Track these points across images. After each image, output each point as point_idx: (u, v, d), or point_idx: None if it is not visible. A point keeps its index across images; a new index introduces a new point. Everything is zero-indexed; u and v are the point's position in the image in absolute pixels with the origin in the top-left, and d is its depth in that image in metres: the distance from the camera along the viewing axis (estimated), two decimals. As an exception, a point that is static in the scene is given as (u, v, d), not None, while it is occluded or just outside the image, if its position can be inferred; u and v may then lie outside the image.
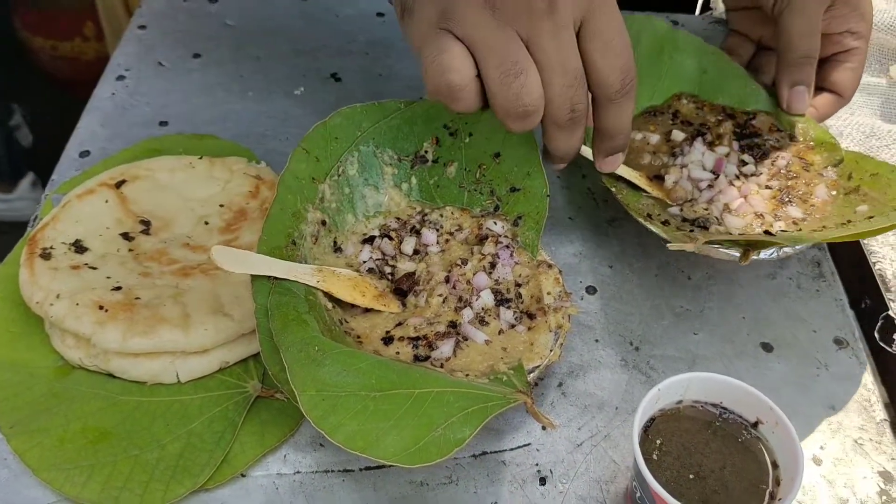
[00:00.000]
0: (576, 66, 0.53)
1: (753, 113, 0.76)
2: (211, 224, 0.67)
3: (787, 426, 0.52)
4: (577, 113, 0.55)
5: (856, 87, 0.75)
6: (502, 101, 0.53)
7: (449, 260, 0.64)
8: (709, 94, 0.78)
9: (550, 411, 0.61)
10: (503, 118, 0.54)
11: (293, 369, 0.51)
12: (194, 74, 0.85)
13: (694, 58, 0.78)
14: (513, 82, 0.52)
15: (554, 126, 0.56)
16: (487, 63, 0.52)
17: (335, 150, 0.65)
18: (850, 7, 0.73)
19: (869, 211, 0.65)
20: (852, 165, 0.69)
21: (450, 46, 0.52)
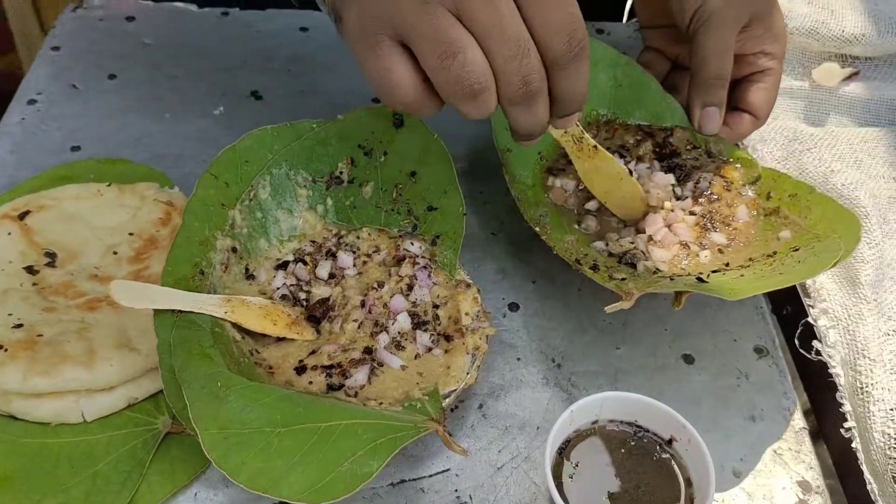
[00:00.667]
0: (517, 31, 0.48)
1: (670, 129, 0.76)
2: (120, 253, 0.65)
3: (699, 443, 0.51)
4: (532, 85, 0.50)
5: (770, 107, 0.75)
6: (446, 86, 0.49)
7: (366, 283, 0.63)
8: (624, 107, 0.77)
9: (470, 434, 0.60)
10: (454, 105, 0.51)
11: (195, 407, 0.50)
12: (109, 96, 0.83)
13: (608, 71, 0.77)
14: (451, 64, 0.48)
15: (508, 103, 0.51)
16: (423, 53, 0.49)
17: (246, 173, 0.64)
18: (764, 28, 0.73)
19: (792, 240, 0.64)
20: (770, 184, 0.70)
21: (390, 61, 0.50)
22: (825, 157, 0.81)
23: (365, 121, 0.67)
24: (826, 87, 0.91)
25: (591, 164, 0.66)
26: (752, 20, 0.72)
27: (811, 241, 0.63)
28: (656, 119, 0.77)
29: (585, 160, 0.66)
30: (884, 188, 0.80)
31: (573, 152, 0.65)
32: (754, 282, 0.60)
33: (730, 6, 0.70)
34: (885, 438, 0.59)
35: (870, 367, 0.62)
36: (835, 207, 0.65)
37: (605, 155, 0.65)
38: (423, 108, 0.52)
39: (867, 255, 0.70)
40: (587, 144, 0.64)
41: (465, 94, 0.49)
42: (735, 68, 0.72)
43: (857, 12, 0.93)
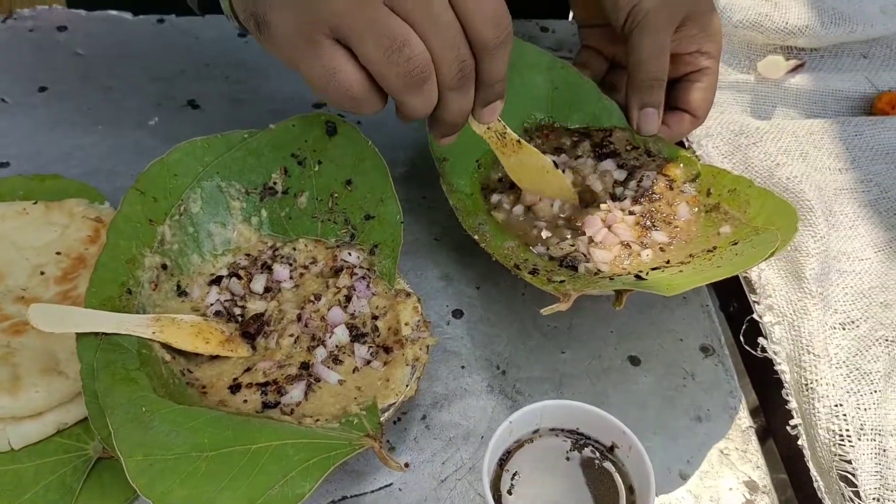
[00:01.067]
0: (450, 19, 0.50)
1: (609, 130, 0.75)
2: (47, 274, 0.63)
3: (639, 450, 0.51)
4: (466, 70, 0.52)
5: (709, 106, 0.75)
6: (395, 79, 0.50)
7: (303, 296, 0.62)
8: (561, 110, 0.76)
9: (413, 447, 0.59)
10: (400, 95, 0.51)
11: (119, 433, 0.48)
12: (39, 109, 0.80)
13: (544, 74, 0.76)
14: (398, 57, 0.49)
15: (446, 89, 0.52)
16: (366, 49, 0.49)
17: (175, 187, 0.62)
18: (699, 27, 0.72)
19: (732, 234, 0.64)
20: (710, 180, 0.69)
21: (336, 62, 0.50)
22: (771, 150, 0.81)
23: (297, 129, 0.65)
24: (772, 80, 0.91)
25: (517, 159, 0.66)
26: (686, 20, 0.71)
27: (750, 235, 0.62)
28: (594, 121, 0.76)
29: (510, 155, 0.65)
30: (829, 180, 0.80)
31: (497, 148, 0.64)
32: (692, 276, 0.59)
33: (663, 6, 0.69)
34: (829, 435, 0.58)
35: (814, 363, 0.62)
36: (773, 200, 0.64)
37: (528, 149, 0.65)
38: (370, 105, 0.52)
39: (812, 249, 0.70)
40: (510, 139, 0.64)
41: (413, 84, 0.50)
42: (672, 68, 0.72)
43: (801, 4, 0.93)
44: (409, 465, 0.58)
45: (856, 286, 0.70)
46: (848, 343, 0.65)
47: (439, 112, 0.54)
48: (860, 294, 0.70)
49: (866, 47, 0.95)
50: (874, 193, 0.80)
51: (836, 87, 0.91)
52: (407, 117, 0.54)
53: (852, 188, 0.80)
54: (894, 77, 0.92)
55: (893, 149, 0.84)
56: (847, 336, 0.66)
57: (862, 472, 0.57)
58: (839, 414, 0.59)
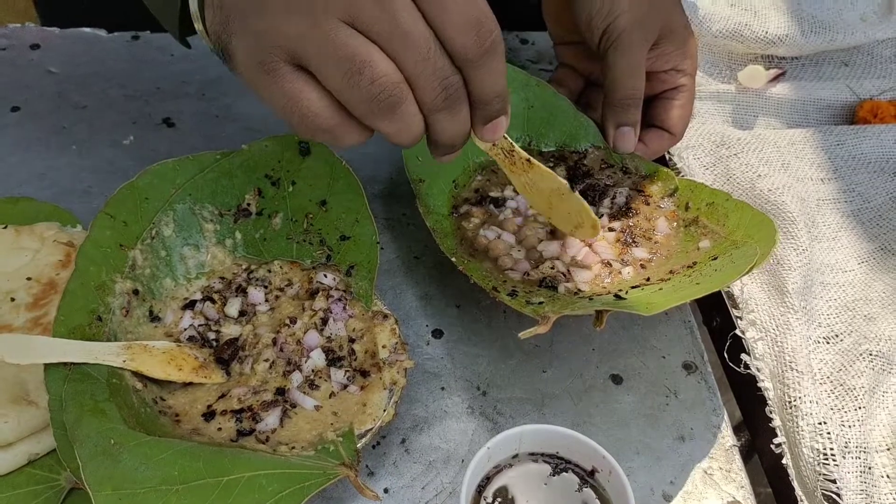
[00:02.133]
0: (420, 31, 0.44)
1: (583, 151, 0.75)
2: (18, 300, 0.62)
3: (619, 475, 0.50)
4: (452, 88, 0.46)
5: (685, 123, 0.74)
6: (359, 105, 0.45)
7: (278, 319, 0.61)
8: (537, 129, 0.76)
9: (393, 471, 0.58)
10: (371, 122, 0.47)
11: (87, 467, 0.47)
12: (11, 129, 0.79)
13: (519, 93, 0.75)
14: (359, 80, 0.44)
15: (430, 112, 0.47)
16: (326, 75, 0.45)
17: (146, 211, 0.61)
18: (674, 45, 0.72)
19: (712, 248, 0.63)
20: (688, 194, 0.68)
21: (297, 88, 0.45)
22: (752, 161, 0.80)
23: (270, 150, 0.64)
24: (753, 90, 0.91)
25: (527, 179, 0.61)
26: (662, 38, 0.71)
27: (729, 249, 0.61)
28: (570, 139, 0.75)
29: (520, 174, 0.60)
30: (812, 190, 0.80)
31: (506, 166, 0.59)
32: (671, 294, 0.58)
33: (638, 25, 0.69)
34: (813, 454, 0.58)
35: (797, 380, 0.61)
36: (751, 213, 0.64)
37: (540, 169, 0.59)
38: (348, 135, 0.47)
39: (794, 262, 0.69)
40: (519, 158, 0.58)
41: (382, 109, 0.45)
42: (648, 86, 0.72)
43: (781, 13, 0.93)
44: (389, 491, 0.57)
45: (839, 299, 0.70)
46: (832, 357, 0.65)
47: (431, 136, 0.50)
48: (844, 307, 0.69)
49: (847, 55, 0.95)
50: (856, 203, 0.79)
51: (817, 95, 0.91)
52: (394, 144, 0.49)
53: (834, 198, 0.80)
54: (876, 85, 0.91)
55: (875, 158, 0.83)
56: (831, 350, 0.66)
57: (847, 491, 0.56)
58: (823, 432, 0.58)
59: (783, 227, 0.72)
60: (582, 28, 0.72)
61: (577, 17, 0.73)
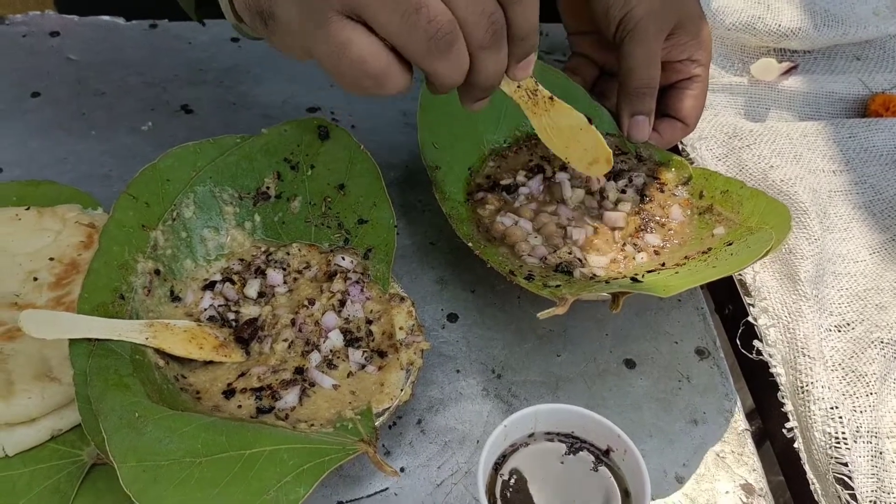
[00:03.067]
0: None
1: None
2: (41, 280, 0.63)
3: (634, 453, 0.50)
4: (498, 24, 0.47)
5: (699, 114, 0.75)
6: (418, 45, 0.46)
7: (297, 300, 0.62)
8: None
9: (409, 451, 0.59)
10: (427, 64, 0.47)
11: (112, 439, 0.48)
12: (32, 115, 0.80)
13: None
14: (418, 20, 0.44)
15: (478, 49, 0.48)
16: (382, 18, 0.45)
17: (167, 192, 0.62)
18: (689, 36, 0.72)
19: (726, 235, 0.64)
20: (702, 182, 0.69)
21: (347, 35, 0.46)
22: (764, 152, 0.81)
23: (290, 134, 0.65)
24: (765, 82, 0.91)
25: (548, 119, 0.61)
26: (677, 28, 0.72)
27: (744, 235, 0.62)
28: None
29: (541, 115, 0.61)
30: (824, 182, 0.80)
31: (528, 108, 0.60)
32: (688, 277, 0.59)
33: (654, 16, 0.70)
34: (825, 438, 0.58)
35: (809, 366, 0.62)
36: (766, 200, 0.64)
37: (561, 106, 0.60)
38: (393, 80, 0.48)
39: (806, 251, 0.70)
40: (542, 96, 0.59)
41: (440, 48, 0.46)
42: (662, 76, 0.72)
43: (794, 6, 0.93)
44: (405, 470, 0.58)
45: (851, 288, 0.70)
46: (843, 345, 0.65)
47: (473, 76, 0.50)
48: (855, 296, 0.70)
49: (859, 49, 0.95)
50: (868, 195, 0.80)
51: (829, 89, 0.92)
52: (439, 88, 0.50)
53: (846, 190, 0.80)
54: (887, 79, 0.92)
55: (887, 150, 0.84)
56: (842, 338, 0.66)
57: (858, 475, 0.57)
58: (835, 416, 0.59)
59: (795, 216, 0.73)
60: (598, 18, 0.72)
61: (593, 7, 0.73)
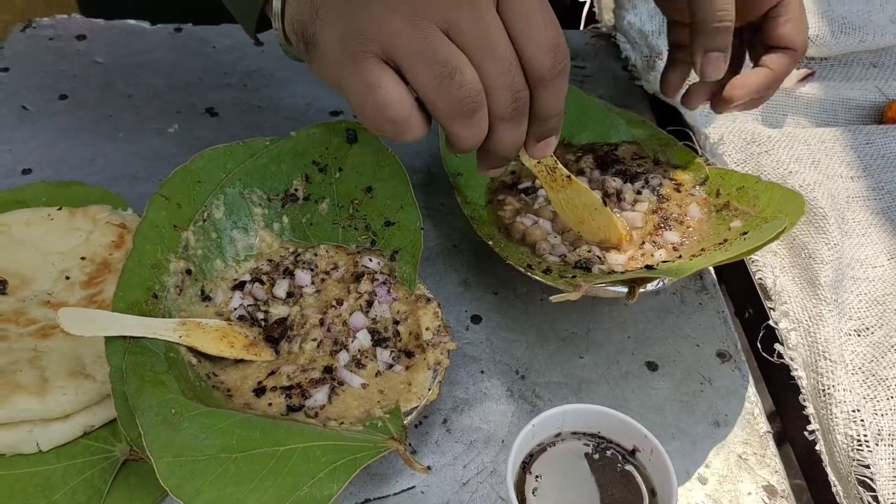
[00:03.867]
0: (506, 49, 0.48)
1: (615, 144, 0.76)
2: (73, 279, 0.64)
3: (661, 453, 0.51)
4: (521, 101, 0.50)
5: (803, 37, 0.71)
6: (444, 106, 0.48)
7: (324, 301, 0.63)
8: (570, 130, 0.78)
9: (435, 450, 0.60)
10: (449, 124, 0.50)
11: (149, 435, 0.49)
12: (60, 117, 0.81)
13: None
14: (450, 84, 0.47)
15: (498, 120, 0.50)
16: (417, 72, 0.47)
17: (198, 194, 0.63)
18: None
19: (742, 226, 0.65)
20: (718, 181, 0.70)
21: (377, 77, 0.47)
22: (783, 158, 0.81)
23: (318, 137, 0.66)
24: (783, 89, 0.92)
25: (565, 195, 0.64)
26: None
27: (759, 224, 0.63)
28: (603, 137, 0.77)
29: (559, 190, 0.64)
30: (842, 187, 0.81)
31: (546, 182, 0.63)
32: (700, 261, 0.60)
33: None
34: (847, 440, 0.59)
35: (831, 369, 0.62)
36: (780, 191, 0.65)
37: (578, 185, 0.63)
38: (412, 129, 0.49)
39: (826, 256, 0.70)
40: (560, 175, 0.62)
41: (463, 113, 0.48)
42: (750, 9, 0.69)
43: (811, 13, 0.94)
44: (431, 469, 0.58)
45: (870, 293, 0.71)
46: (863, 349, 0.66)
47: (490, 144, 0.52)
48: (874, 301, 0.70)
49: (876, 56, 0.96)
50: (886, 201, 0.81)
51: (846, 95, 0.92)
52: (456, 148, 0.52)
53: (864, 196, 0.81)
54: (904, 86, 0.93)
55: (904, 158, 0.85)
56: (862, 342, 0.67)
57: (880, 477, 0.57)
58: (856, 419, 0.60)
59: (814, 221, 0.73)
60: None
61: None
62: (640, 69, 0.93)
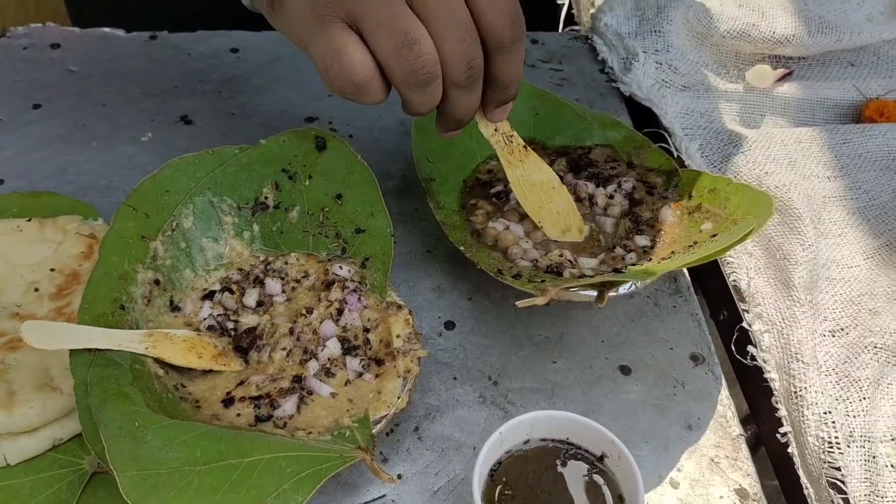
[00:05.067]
0: (465, 17, 0.51)
1: (589, 147, 0.76)
2: (41, 290, 0.64)
3: (628, 459, 0.51)
4: (475, 69, 0.53)
5: None
6: (401, 74, 0.51)
7: (295, 309, 0.62)
8: (544, 134, 0.78)
9: (406, 458, 0.59)
10: (404, 91, 0.53)
11: (112, 448, 0.48)
12: (33, 126, 0.81)
13: (525, 102, 0.77)
14: (408, 53, 0.50)
15: (453, 87, 0.53)
16: (378, 39, 0.50)
17: (167, 203, 0.62)
18: None
19: (713, 228, 0.65)
20: (691, 184, 0.70)
21: (343, 42, 0.50)
22: (759, 159, 0.81)
23: (288, 145, 0.66)
24: (760, 89, 0.92)
25: (522, 170, 0.66)
26: None
27: (728, 226, 0.63)
28: (576, 141, 0.77)
29: (517, 165, 0.66)
30: (818, 188, 0.81)
31: (504, 155, 0.65)
32: (668, 263, 0.60)
33: None
34: (819, 442, 0.59)
35: (803, 371, 0.62)
36: (750, 192, 0.65)
37: (535, 158, 0.65)
38: (372, 93, 0.52)
39: (800, 257, 0.70)
40: (517, 144, 0.64)
41: (419, 82, 0.51)
42: None
43: (788, 13, 0.94)
44: (402, 477, 0.58)
45: (845, 294, 0.71)
46: (837, 350, 0.66)
47: (446, 108, 0.56)
48: (849, 301, 0.70)
49: (853, 55, 0.96)
50: (863, 201, 0.81)
51: (824, 95, 0.92)
52: (410, 113, 0.55)
53: (841, 196, 0.81)
54: (882, 84, 0.93)
55: (881, 156, 0.85)
56: (836, 343, 0.67)
57: (851, 479, 0.57)
58: (828, 421, 0.59)
59: (789, 222, 0.73)
60: None
61: None
62: (616, 71, 0.93)
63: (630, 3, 0.96)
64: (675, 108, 0.87)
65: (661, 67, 0.91)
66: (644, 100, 0.89)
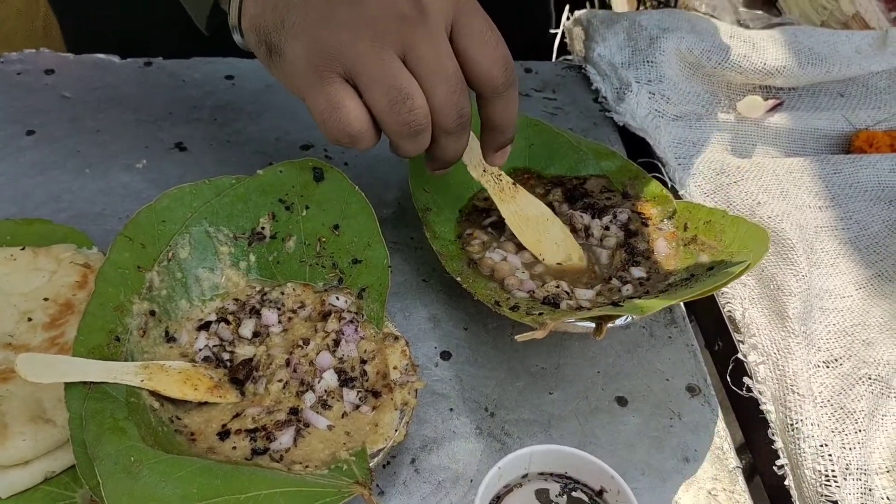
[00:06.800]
0: (455, 70, 0.55)
1: (584, 178, 0.77)
2: (35, 320, 0.63)
3: (627, 494, 0.51)
4: (464, 117, 0.57)
5: None
6: (394, 126, 0.55)
7: (291, 340, 0.62)
8: (539, 164, 0.78)
9: (403, 491, 0.59)
10: (396, 140, 0.56)
11: (108, 484, 0.48)
12: (27, 153, 0.80)
13: (521, 132, 0.76)
14: (401, 108, 0.53)
15: (443, 133, 0.57)
16: (374, 95, 0.53)
17: (163, 233, 0.62)
18: None
19: (709, 261, 0.65)
20: (686, 215, 0.70)
21: (341, 97, 0.54)
22: (752, 189, 0.82)
23: (285, 175, 0.66)
24: (751, 119, 0.93)
25: (515, 206, 0.67)
26: None
27: (725, 259, 0.63)
28: (571, 171, 0.78)
29: (508, 201, 0.67)
30: (810, 218, 0.82)
31: (495, 194, 0.67)
32: (665, 299, 0.60)
33: None
34: (815, 475, 0.59)
35: (799, 403, 0.62)
36: (746, 226, 0.66)
37: (525, 194, 0.67)
38: (365, 142, 0.56)
39: (794, 288, 0.71)
40: (506, 182, 0.67)
41: (410, 133, 0.55)
42: None
43: (779, 45, 0.95)
44: (399, 510, 0.58)
45: (838, 324, 0.71)
46: (832, 381, 0.66)
47: (435, 151, 0.59)
48: (843, 332, 0.71)
49: (843, 86, 0.97)
50: (854, 231, 0.81)
51: (814, 125, 0.93)
52: (399, 155, 0.59)
53: (832, 226, 0.82)
54: (871, 115, 0.94)
55: (872, 186, 0.85)
56: (831, 374, 0.67)
57: (848, 512, 0.57)
58: (824, 454, 0.60)
59: (782, 253, 0.74)
60: None
61: None
62: (610, 101, 0.94)
63: (623, 33, 0.97)
64: (668, 137, 0.88)
65: (654, 97, 0.91)
66: (638, 129, 0.89)
